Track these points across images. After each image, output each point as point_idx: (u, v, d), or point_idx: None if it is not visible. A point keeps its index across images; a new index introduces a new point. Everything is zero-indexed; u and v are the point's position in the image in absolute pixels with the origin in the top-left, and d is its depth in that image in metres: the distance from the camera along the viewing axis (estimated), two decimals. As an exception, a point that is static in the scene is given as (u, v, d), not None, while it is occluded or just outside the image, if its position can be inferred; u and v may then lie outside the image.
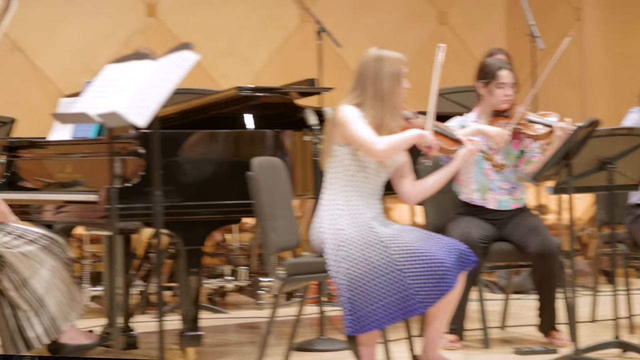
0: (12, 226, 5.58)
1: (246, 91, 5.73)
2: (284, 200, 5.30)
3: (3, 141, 6.39)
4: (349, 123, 5.01)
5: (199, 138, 5.53)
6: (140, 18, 9.04)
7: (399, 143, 5.04)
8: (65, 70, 8.77)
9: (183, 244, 5.42)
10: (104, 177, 5.41)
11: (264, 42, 9.43)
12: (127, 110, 4.30)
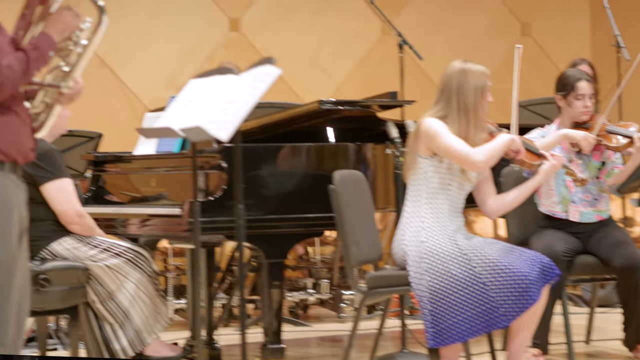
0: (98, 239, 5.66)
1: (328, 104, 5.74)
2: (366, 213, 5.30)
3: (89, 156, 6.49)
4: (439, 135, 4.99)
5: (281, 152, 5.55)
6: (223, 33, 9.11)
7: (494, 151, 5.02)
8: (150, 85, 8.88)
9: (265, 257, 5.44)
10: (188, 191, 5.46)
11: (345, 56, 9.44)
12: (210, 124, 4.34)
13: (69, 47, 3.97)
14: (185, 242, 5.87)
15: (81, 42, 3.97)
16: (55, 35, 3.92)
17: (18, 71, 3.81)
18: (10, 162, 3.89)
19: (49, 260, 5.55)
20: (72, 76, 3.98)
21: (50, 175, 5.52)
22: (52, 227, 5.58)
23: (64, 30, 3.94)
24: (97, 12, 3.95)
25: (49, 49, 3.90)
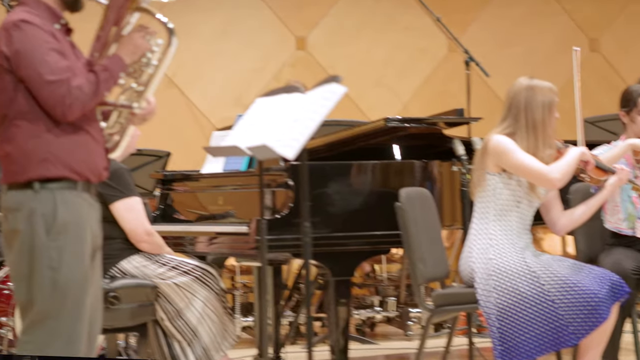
0: (167, 257, 5.70)
1: (393, 122, 5.75)
2: (432, 231, 5.28)
3: (158, 175, 6.55)
4: (510, 152, 4.97)
5: (347, 169, 5.56)
6: (290, 51, 9.16)
7: (568, 167, 4.99)
8: (217, 104, 8.95)
9: (332, 275, 5.45)
10: (254, 209, 5.49)
11: (412, 73, 9.44)
12: (276, 142, 4.36)
13: (141, 68, 4.03)
14: (252, 259, 5.90)
15: (152, 62, 4.02)
16: (126, 57, 3.99)
17: (88, 92, 3.88)
18: (83, 181, 3.95)
19: (118, 278, 5.60)
20: (144, 96, 4.04)
21: (119, 194, 5.58)
22: (122, 246, 5.64)
23: (134, 52, 4.00)
24: (167, 33, 4.00)
25: (120, 70, 3.97)
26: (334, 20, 9.24)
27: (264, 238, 4.82)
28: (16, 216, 3.91)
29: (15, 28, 3.87)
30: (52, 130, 3.89)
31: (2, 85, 3.90)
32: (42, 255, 3.87)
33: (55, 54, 3.87)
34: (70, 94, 3.83)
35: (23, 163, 3.89)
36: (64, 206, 3.90)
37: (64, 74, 3.84)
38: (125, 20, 4.03)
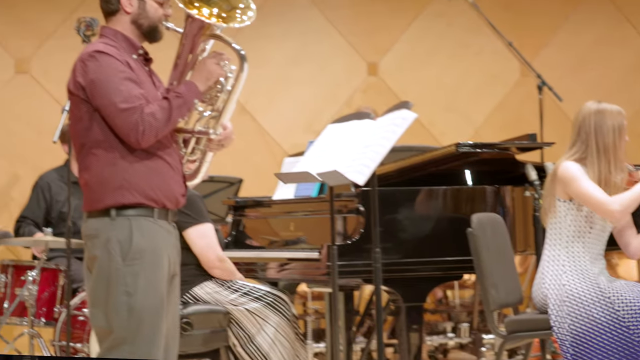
0: (239, 284, 5.73)
1: (465, 147, 5.72)
2: (505, 257, 5.25)
3: (230, 201, 6.59)
4: (576, 180, 4.94)
5: (418, 195, 5.55)
6: (362, 77, 9.18)
7: (632, 200, 4.94)
8: (289, 130, 8.98)
9: (403, 301, 5.43)
10: (325, 235, 5.49)
11: (484, 98, 9.40)
12: (347, 168, 4.37)
13: (216, 94, 4.11)
14: (323, 285, 5.90)
15: (226, 88, 4.10)
16: (201, 83, 4.06)
17: (160, 119, 3.94)
18: (160, 207, 4.02)
19: (191, 304, 5.64)
20: (220, 122, 4.11)
21: (192, 221, 5.63)
22: (194, 272, 5.68)
23: (209, 78, 4.07)
24: (239, 59, 4.06)
25: (194, 96, 4.03)
26: (405, 46, 9.23)
27: (335, 264, 4.82)
28: (94, 243, 3.99)
29: (90, 59, 3.98)
30: (127, 157, 3.98)
31: (79, 114, 4.02)
32: (118, 281, 3.94)
33: (129, 83, 3.96)
34: (143, 120, 3.91)
35: (100, 191, 3.98)
36: (139, 233, 3.98)
37: (137, 102, 3.93)
38: (200, 48, 4.11)
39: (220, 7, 4.09)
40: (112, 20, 4.12)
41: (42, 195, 7.25)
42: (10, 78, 8.28)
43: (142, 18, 4.10)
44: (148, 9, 4.10)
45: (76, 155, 4.08)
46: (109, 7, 4.11)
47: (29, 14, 8.32)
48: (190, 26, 4.06)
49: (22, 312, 6.38)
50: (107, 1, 4.10)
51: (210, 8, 4.09)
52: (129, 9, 4.09)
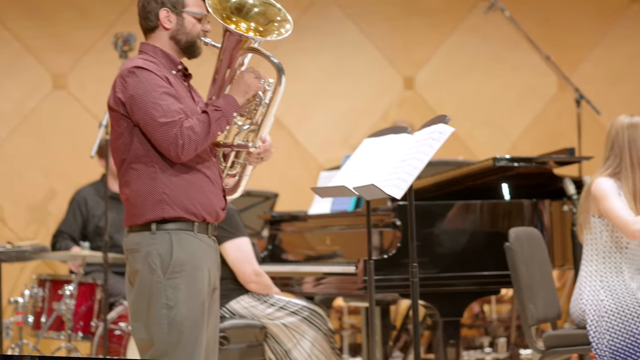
0: (275, 298, 5.73)
1: (502, 161, 5.70)
2: (543, 271, 5.21)
3: (266, 215, 6.59)
4: (605, 197, 4.92)
5: (455, 209, 5.53)
6: (398, 91, 9.16)
7: None
8: (325, 144, 8.98)
9: (440, 316, 5.41)
10: (362, 249, 5.48)
11: (521, 112, 9.35)
12: (384, 182, 4.36)
13: (255, 108, 4.14)
14: (360, 300, 5.89)
15: (265, 102, 4.12)
16: (239, 97, 4.09)
17: (199, 132, 3.98)
18: (200, 221, 4.05)
19: (227, 318, 5.64)
20: (259, 136, 4.14)
21: (229, 235, 5.63)
22: (231, 286, 5.68)
23: (247, 91, 4.10)
24: (277, 72, 4.08)
25: (232, 109, 4.06)
26: (442, 60, 9.22)
27: (372, 278, 4.80)
28: (135, 257, 4.04)
29: (129, 74, 4.02)
30: (166, 171, 4.02)
31: (119, 130, 4.06)
32: (159, 294, 3.98)
33: (168, 97, 4.00)
34: (182, 134, 3.95)
35: (140, 205, 4.02)
36: (179, 246, 4.01)
37: (176, 116, 3.97)
38: (238, 62, 4.15)
39: (257, 21, 4.13)
40: (152, 36, 4.16)
41: (78, 209, 7.29)
42: (47, 93, 8.33)
43: (181, 34, 4.13)
44: (186, 25, 4.13)
45: (117, 171, 4.12)
46: (148, 24, 4.15)
47: (67, 29, 8.38)
48: (228, 40, 4.10)
49: (60, 326, 6.40)
50: (146, 18, 4.14)
51: (248, 22, 4.12)
52: (167, 25, 4.12)
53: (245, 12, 4.13)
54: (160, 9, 4.11)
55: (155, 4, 4.11)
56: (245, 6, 4.13)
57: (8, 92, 8.24)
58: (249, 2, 4.13)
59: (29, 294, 6.52)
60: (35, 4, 8.31)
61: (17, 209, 8.19)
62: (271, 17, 4.15)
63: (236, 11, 4.12)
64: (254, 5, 4.13)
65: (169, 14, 4.11)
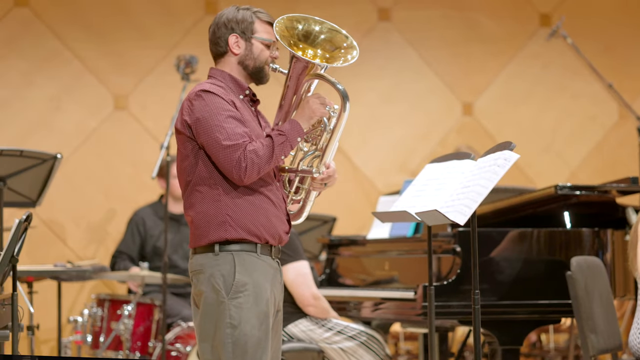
0: (333, 322, 5.73)
1: (564, 189, 5.66)
2: (604, 301, 5.16)
3: (324, 239, 6.60)
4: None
5: (516, 236, 5.50)
6: (456, 117, 9.14)
7: None
8: (382, 169, 8.98)
9: (499, 344, 5.37)
10: (419, 275, 5.47)
11: (581, 140, 9.30)
12: (446, 208, 4.35)
13: (319, 133, 4.18)
14: (418, 326, 5.86)
15: (329, 127, 4.16)
16: (303, 122, 4.13)
17: (262, 156, 4.02)
18: (262, 243, 4.10)
19: (285, 341, 5.64)
20: (323, 161, 4.17)
21: (288, 258, 5.64)
22: (289, 309, 5.68)
23: (311, 117, 4.14)
24: (341, 99, 4.11)
25: (297, 134, 4.10)
26: (501, 87, 9.19)
27: (432, 305, 4.78)
28: (199, 278, 4.09)
29: (196, 98, 4.09)
30: (230, 194, 4.07)
31: (185, 152, 4.12)
32: (223, 314, 4.02)
33: (233, 121, 4.05)
34: (245, 157, 4.00)
35: (204, 227, 4.08)
36: (242, 267, 4.05)
37: (240, 139, 4.02)
38: (303, 88, 4.19)
39: (324, 48, 4.18)
40: (221, 61, 4.24)
41: (137, 230, 7.34)
42: (109, 114, 8.41)
43: (249, 59, 4.19)
44: (254, 51, 4.19)
45: (182, 193, 4.18)
46: (217, 49, 4.23)
47: (129, 50, 8.46)
48: (294, 67, 4.15)
49: (118, 346, 6.45)
50: (216, 43, 4.22)
51: (315, 49, 4.17)
52: (236, 51, 4.19)
53: (312, 40, 4.18)
54: (229, 34, 4.18)
55: (225, 30, 4.19)
56: (312, 33, 4.18)
57: (70, 112, 8.34)
58: (316, 30, 4.18)
59: (88, 313, 6.58)
60: (97, 25, 8.41)
61: (77, 228, 8.26)
62: (338, 44, 4.19)
63: (303, 38, 4.17)
64: (320, 32, 4.18)
65: (238, 40, 4.18)
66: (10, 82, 8.25)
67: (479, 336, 4.43)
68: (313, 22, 4.19)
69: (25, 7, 8.28)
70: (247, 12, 4.21)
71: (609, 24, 9.34)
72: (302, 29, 4.18)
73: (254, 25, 4.19)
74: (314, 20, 4.20)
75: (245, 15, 4.19)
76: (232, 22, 4.18)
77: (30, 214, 4.59)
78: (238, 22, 4.18)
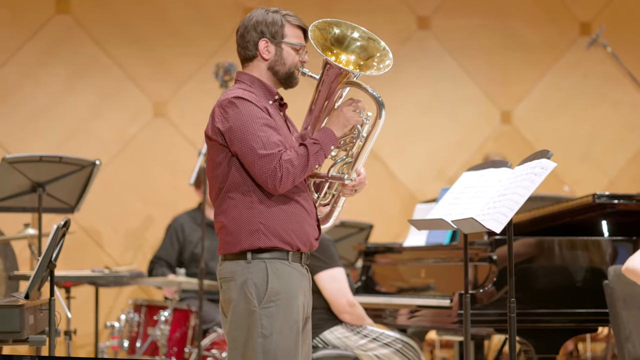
0: (368, 329, 5.73)
1: (602, 198, 5.63)
2: (641, 311, 5.13)
3: (360, 246, 6.60)
4: None
5: (552, 245, 5.48)
6: (494, 125, 9.12)
7: None
8: (419, 177, 8.97)
9: (535, 352, 5.35)
10: (455, 283, 5.46)
11: (619, 148, 9.25)
12: (483, 217, 4.34)
13: (352, 141, 4.11)
14: (454, 334, 5.85)
15: (362, 135, 4.09)
16: (337, 130, 4.08)
17: (297, 165, 3.98)
18: (294, 250, 4.06)
19: (320, 348, 5.65)
20: (354, 168, 4.12)
21: (324, 265, 5.65)
22: (325, 316, 5.69)
23: (345, 125, 4.08)
24: (377, 106, 4.05)
25: (330, 143, 4.05)
26: (540, 95, 9.16)
27: (468, 313, 4.78)
28: (230, 286, 4.04)
29: (229, 105, 4.02)
30: (264, 201, 4.02)
31: (218, 160, 4.07)
32: (254, 323, 3.98)
33: (267, 129, 4.00)
34: (281, 167, 3.95)
35: (236, 234, 4.03)
36: (275, 275, 4.01)
37: (275, 148, 3.97)
38: (336, 94, 4.13)
39: (358, 55, 4.11)
40: (249, 66, 4.17)
41: (175, 236, 7.37)
42: (148, 121, 8.47)
43: (279, 65, 4.12)
44: (285, 56, 4.12)
45: (212, 200, 4.13)
46: (246, 54, 4.15)
47: (168, 57, 8.51)
48: (327, 73, 4.08)
49: (154, 352, 6.48)
50: (245, 47, 4.14)
51: (348, 55, 4.10)
52: (266, 56, 4.12)
53: (346, 45, 4.11)
54: (260, 39, 4.10)
55: (255, 34, 4.10)
56: (346, 39, 4.11)
57: (109, 118, 8.39)
58: (351, 36, 4.11)
59: (125, 318, 6.61)
60: (137, 32, 8.46)
61: (115, 234, 8.32)
62: (372, 52, 4.11)
63: (337, 43, 4.10)
64: (355, 40, 4.11)
65: (268, 45, 4.10)
66: (50, 89, 8.33)
67: (514, 345, 4.42)
68: (347, 27, 4.11)
69: (66, 14, 8.35)
70: (277, 15, 4.13)
71: (649, 33, 9.29)
72: (337, 34, 4.10)
73: (284, 29, 4.11)
74: (348, 25, 4.12)
75: (275, 19, 4.11)
76: (261, 25, 4.10)
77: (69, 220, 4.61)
78: (268, 26, 4.09)
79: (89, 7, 8.40)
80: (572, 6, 9.23)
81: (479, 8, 9.12)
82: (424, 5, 9.02)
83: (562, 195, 7.40)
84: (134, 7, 8.49)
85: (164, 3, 8.55)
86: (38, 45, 8.31)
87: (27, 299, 4.48)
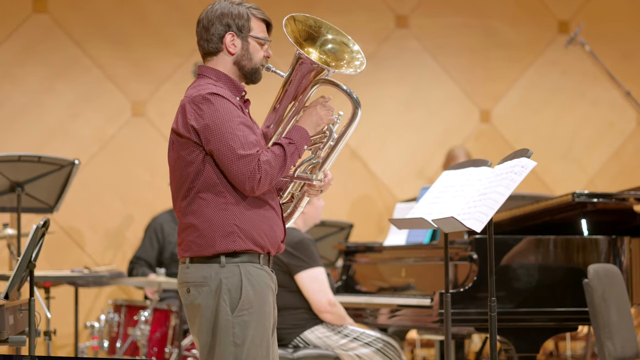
0: (349, 329, 5.72)
1: (582, 197, 5.64)
2: (621, 309, 5.14)
3: (341, 246, 6.59)
4: None
5: (533, 244, 5.48)
6: (474, 124, 9.14)
7: None
8: (400, 176, 8.97)
9: (516, 351, 5.35)
10: (436, 282, 5.46)
11: (599, 147, 9.28)
12: (463, 215, 4.34)
13: (322, 140, 4.00)
14: (434, 333, 5.85)
15: (334, 135, 3.99)
16: (310, 129, 3.95)
17: (275, 166, 3.84)
18: (265, 253, 3.93)
19: (301, 348, 5.64)
20: (322, 169, 4.00)
21: (304, 265, 5.64)
22: (305, 316, 5.68)
23: (318, 124, 3.97)
24: (352, 105, 3.96)
25: (304, 142, 3.93)
26: (519, 94, 9.19)
27: (449, 312, 4.77)
28: (200, 291, 3.89)
29: (204, 101, 3.86)
30: (239, 203, 3.87)
31: (190, 158, 3.89)
32: (226, 331, 3.85)
33: (244, 128, 3.85)
34: (260, 168, 3.81)
35: (209, 236, 3.87)
36: (248, 282, 3.87)
37: (254, 149, 3.83)
38: (308, 92, 3.99)
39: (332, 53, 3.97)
40: (213, 60, 4.01)
41: (155, 236, 7.35)
42: (127, 120, 8.44)
43: (245, 59, 3.98)
44: (251, 50, 3.99)
45: (178, 199, 3.96)
46: (210, 47, 3.99)
47: (147, 57, 8.49)
48: (299, 68, 3.94)
49: (134, 352, 6.45)
50: (209, 40, 3.98)
51: (321, 52, 3.98)
52: (232, 50, 3.97)
53: (320, 43, 3.98)
54: (225, 32, 3.95)
55: (221, 27, 3.95)
56: (320, 36, 3.98)
57: (88, 118, 8.37)
58: (325, 33, 3.99)
59: (105, 318, 6.59)
60: (116, 32, 8.43)
61: (94, 234, 8.29)
62: (346, 50, 3.98)
63: (310, 39, 3.96)
64: (329, 36, 3.99)
65: (234, 38, 3.95)
66: (29, 89, 8.29)
67: (495, 344, 4.42)
68: (322, 25, 3.99)
69: (44, 13, 8.32)
70: (242, 7, 3.97)
71: (627, 31, 9.32)
72: (311, 30, 3.97)
73: (250, 23, 3.96)
74: (323, 23, 4.00)
75: (240, 11, 3.96)
76: (227, 18, 3.95)
77: (48, 220, 4.58)
78: (234, 18, 3.95)
79: (67, 6, 8.36)
80: (551, 4, 9.25)
81: (457, 6, 9.14)
82: (402, 3, 9.03)
83: (542, 195, 7.42)
84: (112, 6, 8.46)
85: (142, 3, 8.52)
86: (16, 44, 8.27)
87: (6, 299, 4.46)
